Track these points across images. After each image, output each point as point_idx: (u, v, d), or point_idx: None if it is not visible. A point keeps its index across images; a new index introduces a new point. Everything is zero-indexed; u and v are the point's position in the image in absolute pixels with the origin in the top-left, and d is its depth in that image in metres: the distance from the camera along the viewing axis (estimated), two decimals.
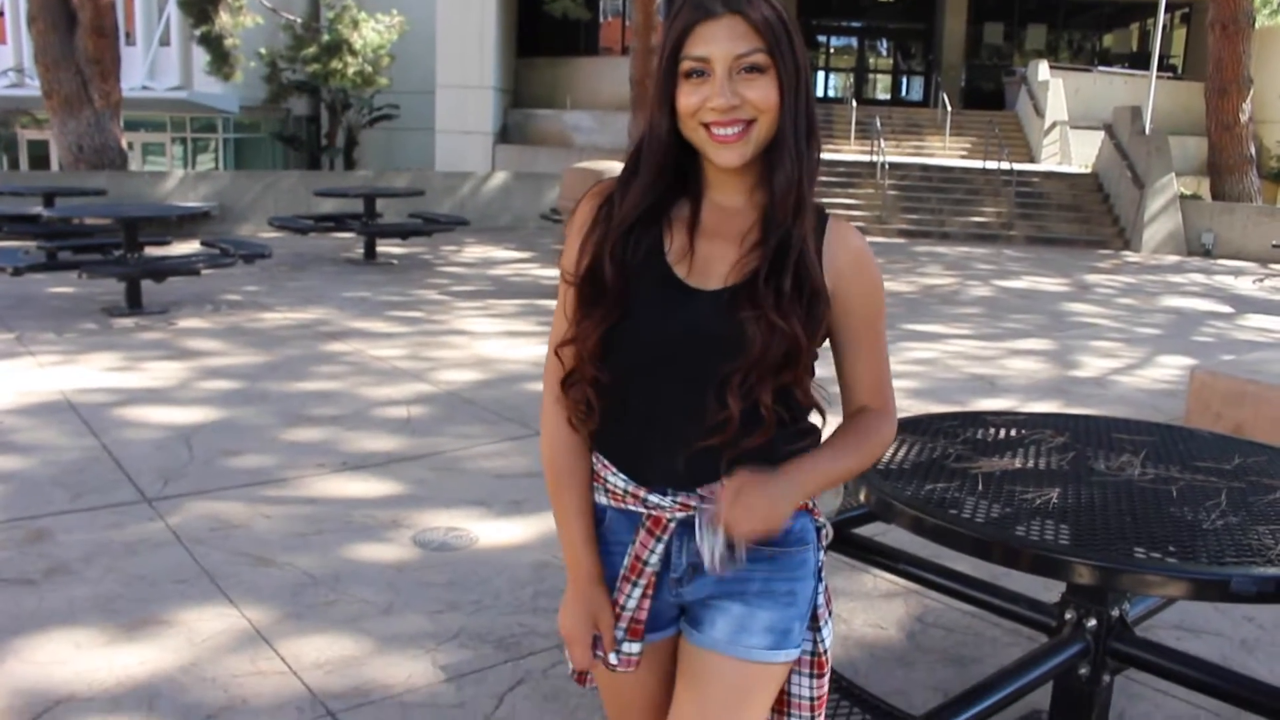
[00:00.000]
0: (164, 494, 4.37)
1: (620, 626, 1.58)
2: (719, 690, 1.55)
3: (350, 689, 2.99)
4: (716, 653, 1.55)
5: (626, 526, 1.59)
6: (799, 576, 1.57)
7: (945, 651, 3.34)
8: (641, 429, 1.55)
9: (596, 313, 1.52)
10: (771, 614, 1.55)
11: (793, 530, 1.57)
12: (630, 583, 1.57)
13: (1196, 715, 3.01)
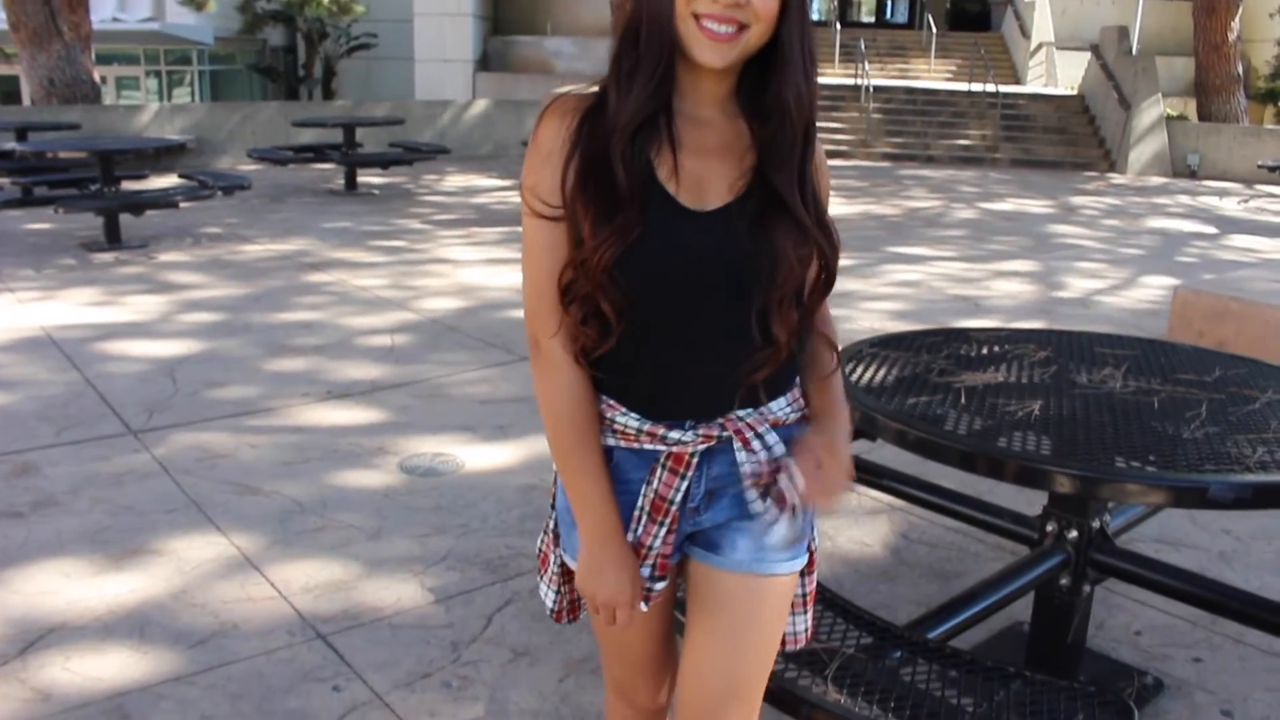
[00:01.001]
0: (149, 426, 4.37)
1: (647, 564, 1.52)
2: (749, 609, 1.54)
3: (339, 612, 3.02)
4: (740, 573, 1.53)
5: (637, 465, 1.50)
6: None
7: (929, 566, 3.38)
8: (663, 365, 1.45)
9: (611, 227, 1.36)
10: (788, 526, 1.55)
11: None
12: (656, 523, 1.50)
13: (1173, 625, 3.06)
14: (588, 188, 1.39)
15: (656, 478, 1.48)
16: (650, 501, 1.49)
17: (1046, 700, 1.88)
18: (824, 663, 1.96)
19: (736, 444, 1.47)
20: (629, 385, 1.47)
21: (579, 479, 1.48)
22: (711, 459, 1.49)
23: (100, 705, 2.56)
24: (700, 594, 1.58)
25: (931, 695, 1.89)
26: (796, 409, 1.54)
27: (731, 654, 1.56)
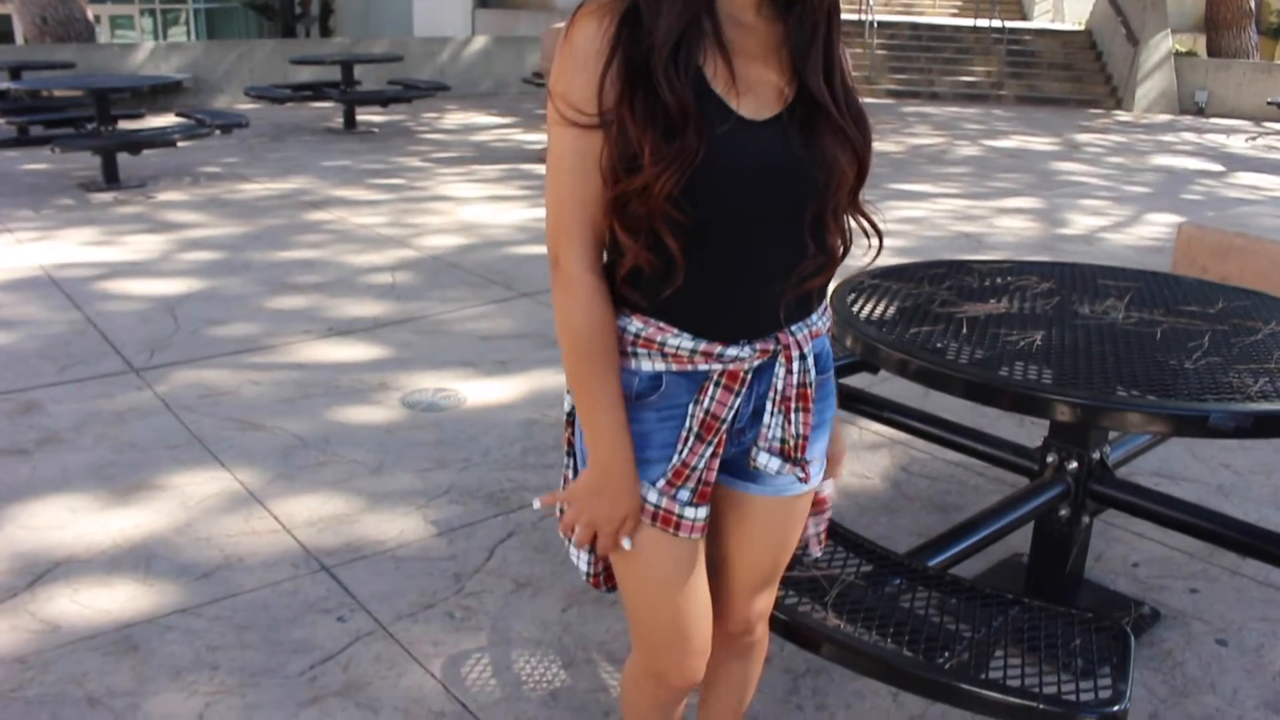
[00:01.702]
0: (151, 364, 4.37)
1: (687, 487, 1.46)
2: (782, 526, 1.61)
3: (343, 545, 3.04)
4: (779, 496, 1.57)
5: (686, 388, 1.44)
6: (831, 402, 1.61)
7: (929, 499, 3.40)
8: (722, 283, 1.40)
9: (671, 151, 1.28)
10: (821, 442, 1.58)
11: (828, 352, 1.56)
12: (704, 442, 1.45)
13: (1170, 557, 3.08)
14: (637, 102, 1.29)
15: (708, 396, 1.43)
16: (700, 421, 1.44)
17: (1044, 625, 1.90)
18: (824, 589, 1.98)
19: (780, 360, 1.46)
20: (685, 307, 1.41)
21: (593, 403, 1.42)
22: (760, 376, 1.47)
23: (108, 636, 2.59)
24: (735, 518, 1.61)
25: (930, 621, 1.91)
26: (827, 317, 1.55)
27: (770, 565, 1.66)
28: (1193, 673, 2.56)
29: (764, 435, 1.49)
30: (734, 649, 1.78)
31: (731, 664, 1.81)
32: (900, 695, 2.45)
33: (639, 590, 1.56)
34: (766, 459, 1.50)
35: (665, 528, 1.48)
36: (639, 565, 1.52)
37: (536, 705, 2.40)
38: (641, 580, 1.54)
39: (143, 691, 2.40)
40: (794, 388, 1.47)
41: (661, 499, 1.47)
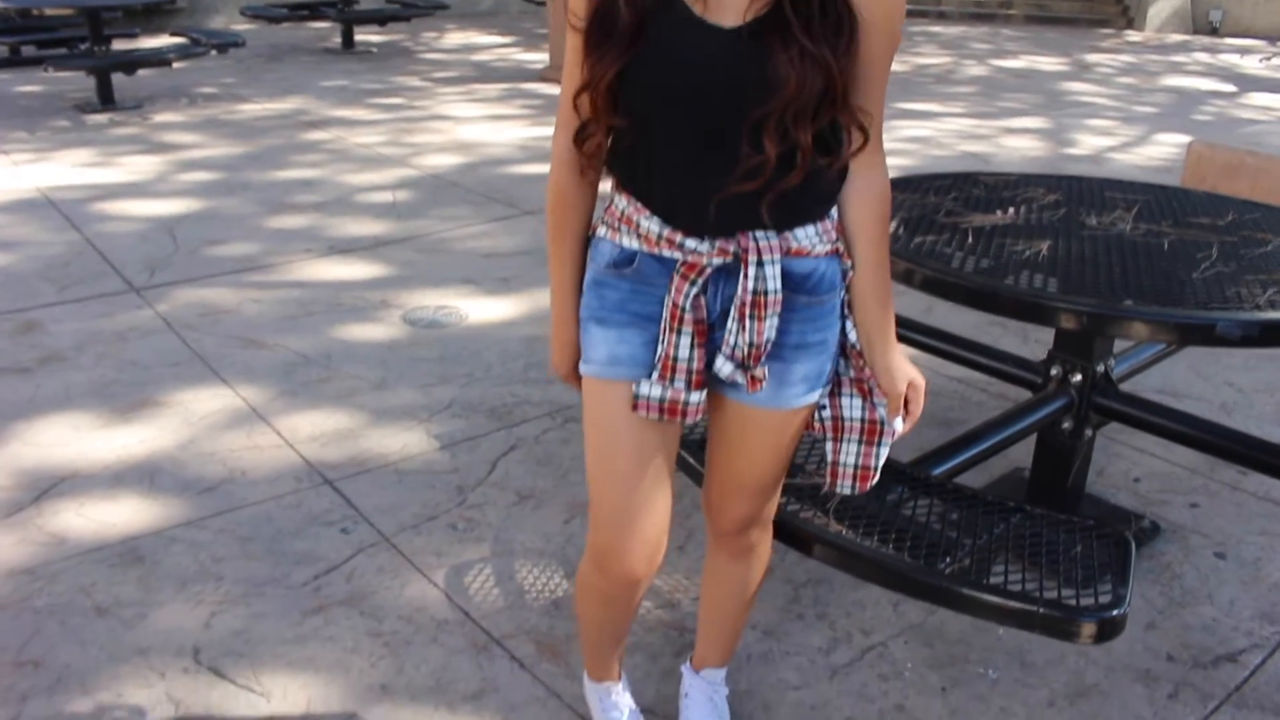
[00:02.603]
0: (151, 283, 4.35)
1: (680, 380, 1.52)
2: (762, 440, 1.64)
3: (346, 459, 3.05)
4: (757, 408, 1.59)
5: (658, 271, 1.52)
6: (829, 325, 1.56)
7: (931, 415, 3.39)
8: (669, 176, 1.47)
9: (609, 52, 1.42)
10: (806, 365, 1.56)
11: (824, 276, 1.52)
12: (676, 332, 1.50)
13: (1172, 472, 3.09)
14: (598, 12, 1.43)
15: (673, 285, 1.50)
16: (669, 310, 1.50)
17: (1046, 533, 1.90)
18: (826, 496, 1.98)
19: (742, 265, 1.47)
20: (647, 192, 1.51)
21: (552, 263, 1.63)
22: (728, 278, 1.50)
23: (114, 548, 2.61)
24: (723, 425, 1.66)
25: (932, 528, 1.92)
26: (827, 241, 1.52)
27: (752, 477, 1.69)
28: (1190, 584, 2.58)
29: (725, 341, 1.51)
30: (730, 550, 1.81)
31: (728, 566, 1.84)
32: (900, 604, 2.48)
33: (595, 464, 1.65)
34: (722, 362, 1.52)
35: (673, 417, 1.55)
36: (601, 441, 1.62)
37: (539, 614, 2.43)
38: (599, 456, 1.64)
39: (149, 601, 2.42)
40: (749, 294, 1.47)
41: (665, 391, 1.53)
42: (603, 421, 1.61)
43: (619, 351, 1.56)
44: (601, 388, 1.59)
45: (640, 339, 1.55)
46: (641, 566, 1.66)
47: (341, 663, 2.25)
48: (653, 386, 1.53)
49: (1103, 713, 2.16)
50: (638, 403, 1.54)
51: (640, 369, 1.55)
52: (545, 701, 2.16)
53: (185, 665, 2.23)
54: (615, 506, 1.64)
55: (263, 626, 2.35)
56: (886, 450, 1.67)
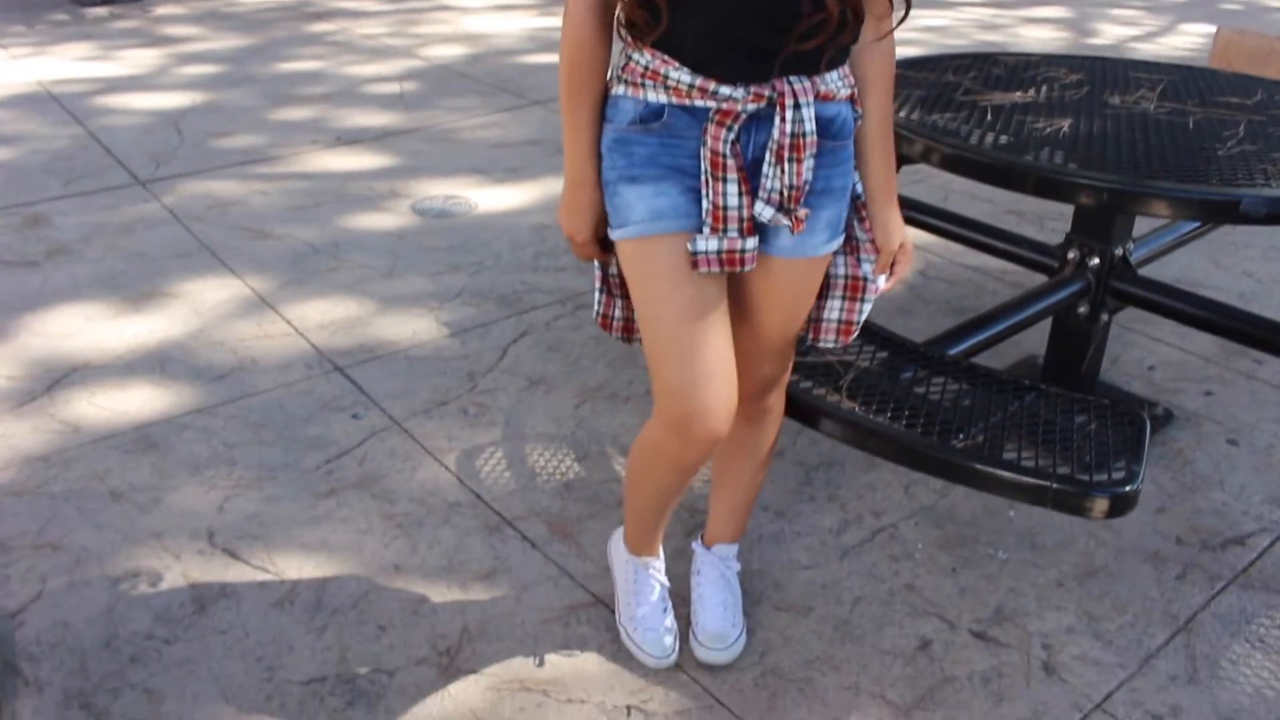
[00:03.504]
0: (156, 176, 4.30)
1: (733, 229, 1.51)
2: (787, 288, 1.64)
3: (356, 346, 3.04)
4: (784, 258, 1.60)
5: (689, 123, 1.49)
6: (849, 170, 1.59)
7: (946, 302, 3.37)
8: (716, 27, 1.43)
9: None
10: (829, 211, 1.58)
11: (846, 121, 1.55)
12: (721, 180, 1.49)
13: (1187, 360, 3.06)
14: None
15: (709, 134, 1.48)
16: (709, 160, 1.49)
17: (1060, 411, 1.89)
18: (839, 374, 1.96)
19: (777, 109, 1.46)
20: (681, 42, 1.46)
21: (570, 124, 1.56)
22: (760, 124, 1.49)
23: (127, 435, 2.62)
24: (747, 278, 1.65)
25: (945, 406, 1.90)
26: (848, 85, 1.54)
27: (776, 332, 1.70)
28: (1202, 470, 2.58)
29: (763, 186, 1.51)
30: (746, 414, 1.82)
31: (744, 430, 1.85)
32: (911, 487, 2.48)
33: (657, 327, 1.57)
34: (762, 207, 1.51)
35: (734, 267, 1.54)
36: (658, 302, 1.56)
37: (550, 496, 2.44)
38: (659, 318, 1.57)
39: (163, 486, 2.44)
40: (788, 137, 1.47)
41: (722, 242, 1.52)
42: (657, 280, 1.55)
43: (659, 205, 1.52)
44: (647, 247, 1.54)
45: (677, 189, 1.52)
46: (724, 423, 1.61)
47: (355, 544, 2.27)
48: (708, 240, 1.51)
49: (1111, 592, 2.17)
50: (697, 259, 1.52)
51: (684, 219, 1.52)
52: (557, 580, 2.18)
53: (200, 547, 2.25)
54: (690, 367, 1.56)
55: (276, 509, 2.37)
56: (869, 307, 1.74)
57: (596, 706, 1.88)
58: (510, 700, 1.89)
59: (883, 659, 2.00)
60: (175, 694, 1.89)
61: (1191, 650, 2.03)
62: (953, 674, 1.97)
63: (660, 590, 2.01)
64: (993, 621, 2.09)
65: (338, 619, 2.07)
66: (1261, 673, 1.99)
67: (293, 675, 1.94)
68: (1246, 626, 2.09)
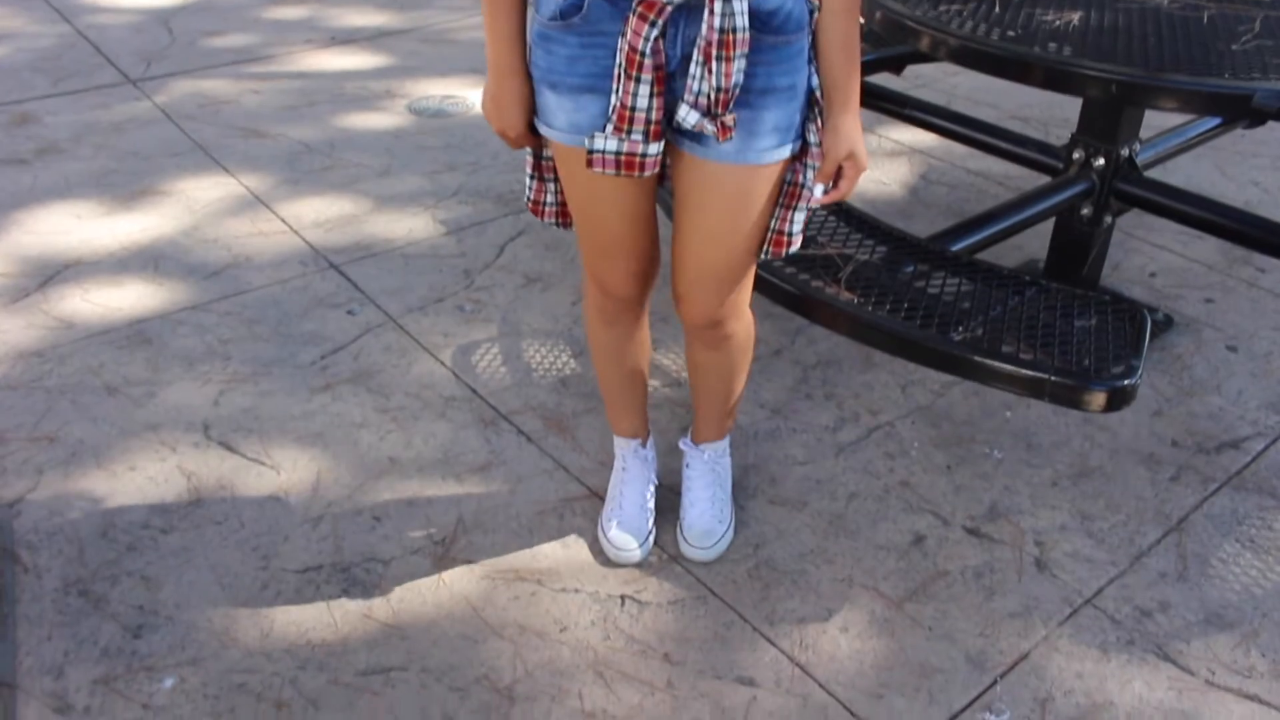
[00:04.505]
0: (147, 75, 4.22)
1: (638, 131, 1.43)
2: (730, 198, 1.53)
3: (351, 244, 3.02)
4: (725, 164, 1.49)
5: (610, 15, 1.39)
6: (797, 67, 1.46)
7: (947, 206, 3.33)
8: None
9: None
10: (775, 112, 1.46)
11: (791, 14, 1.41)
12: (633, 79, 1.39)
13: (1189, 268, 3.04)
14: None
15: (628, 27, 1.37)
16: (625, 55, 1.39)
17: (1061, 306, 1.87)
18: (838, 267, 1.94)
19: (706, 4, 1.35)
20: None
21: (489, 13, 1.49)
22: (690, 17, 1.38)
23: (121, 331, 2.60)
24: (687, 184, 1.55)
25: (945, 300, 1.88)
26: None
27: (718, 240, 1.58)
28: (1200, 375, 2.57)
29: (689, 87, 1.41)
30: (706, 340, 1.76)
31: (706, 355, 1.81)
32: (909, 387, 2.47)
33: (577, 211, 1.64)
34: (686, 111, 1.42)
35: (631, 172, 1.47)
36: (576, 194, 1.60)
37: (545, 391, 2.43)
38: (577, 206, 1.63)
39: (158, 380, 2.43)
40: (716, 33, 1.36)
41: (622, 144, 1.45)
42: (573, 178, 1.58)
43: (578, 120, 1.48)
44: (566, 152, 1.54)
45: (598, 107, 1.45)
46: (632, 289, 1.72)
47: (350, 437, 2.27)
48: (608, 140, 1.44)
49: (1105, 492, 2.18)
50: (592, 158, 1.46)
51: None
52: (552, 473, 2.18)
53: (196, 440, 2.25)
54: (599, 247, 1.66)
55: (271, 403, 2.36)
56: (803, 217, 1.60)
57: (590, 596, 1.90)
58: (504, 589, 1.91)
59: (876, 553, 2.01)
60: (172, 581, 1.90)
61: (1182, 549, 2.04)
62: (945, 568, 1.98)
63: (630, 479, 2.02)
64: (986, 518, 2.10)
65: (333, 510, 2.07)
66: (1250, 571, 2.00)
67: (288, 564, 1.95)
68: (1238, 527, 2.10)
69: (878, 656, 1.80)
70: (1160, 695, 1.74)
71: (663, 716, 1.68)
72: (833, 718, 1.69)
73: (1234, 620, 1.89)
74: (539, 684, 1.73)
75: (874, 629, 1.85)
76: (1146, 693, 1.75)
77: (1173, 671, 1.79)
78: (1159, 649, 1.83)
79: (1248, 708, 1.72)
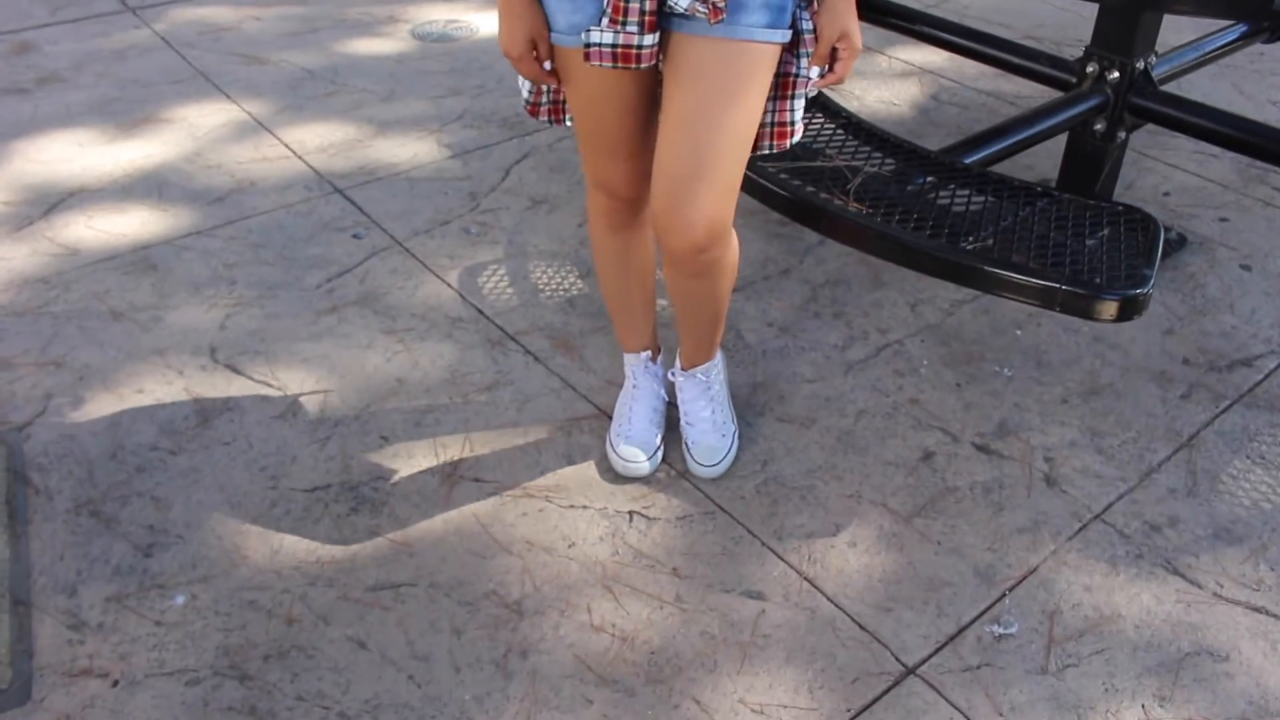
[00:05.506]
0: (147, 3, 4.17)
1: (632, 23, 1.44)
2: (719, 76, 1.48)
3: (356, 169, 2.99)
4: (714, 38, 1.46)
5: None
6: None
7: (958, 126, 3.28)
8: None
9: None
10: None
11: None
12: None
13: (1204, 187, 2.99)
14: None
15: None
16: None
17: (1072, 215, 1.84)
18: (847, 179, 1.91)
19: None
20: None
21: None
22: None
23: (126, 257, 2.59)
24: (676, 65, 1.51)
25: (955, 211, 1.85)
26: None
27: (704, 121, 1.50)
28: (1213, 294, 2.54)
29: None
30: (690, 268, 1.66)
31: (690, 282, 1.72)
32: (918, 306, 2.45)
33: (579, 114, 1.63)
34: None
35: (628, 64, 1.46)
36: (578, 93, 1.58)
37: (552, 311, 2.42)
38: (581, 105, 1.60)
39: (164, 305, 2.42)
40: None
41: (617, 36, 1.44)
42: (574, 80, 1.56)
43: (576, 20, 1.47)
44: (565, 54, 1.53)
45: (595, 6, 1.45)
46: (637, 188, 1.72)
47: (357, 359, 2.26)
48: (603, 33, 1.44)
49: (1115, 409, 2.17)
50: (589, 51, 1.45)
51: None
52: (559, 392, 2.18)
53: (202, 363, 2.24)
54: (603, 148, 1.66)
55: (277, 326, 2.36)
56: (801, 104, 1.60)
57: (598, 511, 1.90)
58: (513, 506, 1.91)
59: (885, 469, 2.01)
60: (181, 501, 1.91)
61: (1192, 465, 2.03)
62: (954, 484, 1.97)
63: (641, 395, 2.01)
64: (995, 435, 2.09)
65: (340, 430, 2.07)
66: (1260, 487, 1.99)
67: (296, 484, 1.95)
68: (1248, 444, 2.09)
69: (886, 571, 1.80)
70: (1168, 608, 1.74)
71: (671, 630, 1.69)
72: (841, 630, 1.70)
73: (1243, 535, 1.88)
74: (547, 599, 1.74)
75: (882, 544, 1.85)
76: (1154, 605, 1.75)
77: (1181, 584, 1.79)
78: (1167, 563, 1.82)
79: (1255, 619, 1.73)
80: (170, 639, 1.67)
